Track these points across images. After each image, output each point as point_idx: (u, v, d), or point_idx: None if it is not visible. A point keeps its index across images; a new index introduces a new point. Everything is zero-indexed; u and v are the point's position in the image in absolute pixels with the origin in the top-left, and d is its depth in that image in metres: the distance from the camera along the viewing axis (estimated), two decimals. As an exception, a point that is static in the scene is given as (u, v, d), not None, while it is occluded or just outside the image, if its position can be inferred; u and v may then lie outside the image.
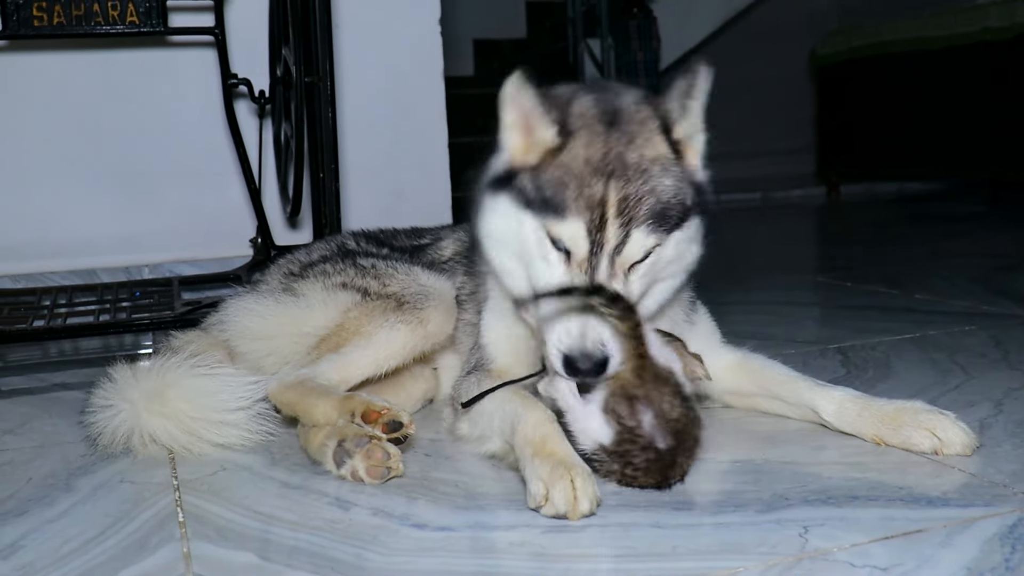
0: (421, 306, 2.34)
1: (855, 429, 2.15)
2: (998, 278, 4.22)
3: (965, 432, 2.03)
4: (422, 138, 4.34)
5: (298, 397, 2.18)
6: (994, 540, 1.59)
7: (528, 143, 2.00)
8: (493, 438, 2.05)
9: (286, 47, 3.38)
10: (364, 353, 2.28)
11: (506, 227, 2.03)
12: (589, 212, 1.90)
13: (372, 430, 2.01)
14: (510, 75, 1.98)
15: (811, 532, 1.65)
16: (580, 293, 1.88)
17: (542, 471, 1.78)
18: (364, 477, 1.97)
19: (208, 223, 4.04)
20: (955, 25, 7.54)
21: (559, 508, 1.73)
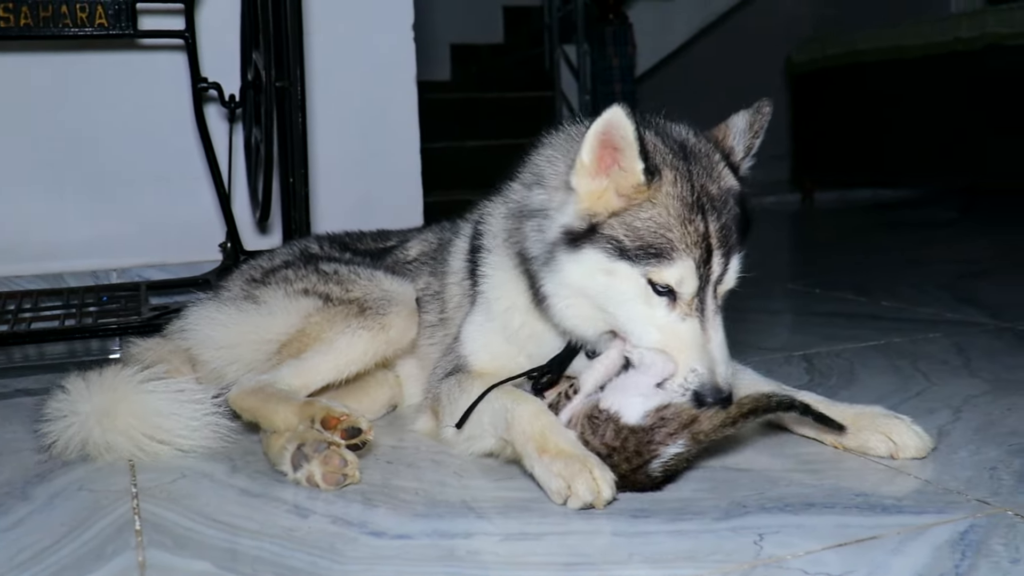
0: (383, 312, 2.34)
1: (816, 433, 2.18)
2: (965, 286, 4.25)
3: (919, 436, 2.07)
4: (394, 143, 4.33)
5: (258, 403, 2.18)
6: (945, 547, 1.60)
7: (604, 186, 1.95)
8: (485, 437, 2.06)
9: (256, 51, 3.37)
10: (325, 359, 2.28)
11: (592, 281, 1.97)
12: (697, 250, 1.91)
13: (331, 436, 2.01)
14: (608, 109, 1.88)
15: (766, 539, 1.65)
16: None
17: (556, 467, 1.81)
18: (320, 483, 1.97)
19: (177, 228, 4.02)
20: (928, 35, 7.60)
21: (586, 499, 1.78)
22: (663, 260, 1.90)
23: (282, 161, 3.38)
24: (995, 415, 2.34)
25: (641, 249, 1.91)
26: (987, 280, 4.41)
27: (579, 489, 1.78)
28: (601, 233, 1.94)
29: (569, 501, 1.79)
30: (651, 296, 1.93)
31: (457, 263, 2.49)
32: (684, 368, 1.92)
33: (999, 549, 1.59)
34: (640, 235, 1.91)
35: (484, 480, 2.01)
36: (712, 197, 1.96)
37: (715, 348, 1.94)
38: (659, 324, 1.94)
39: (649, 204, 1.92)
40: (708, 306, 1.95)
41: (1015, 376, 2.69)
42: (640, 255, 1.91)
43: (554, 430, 1.89)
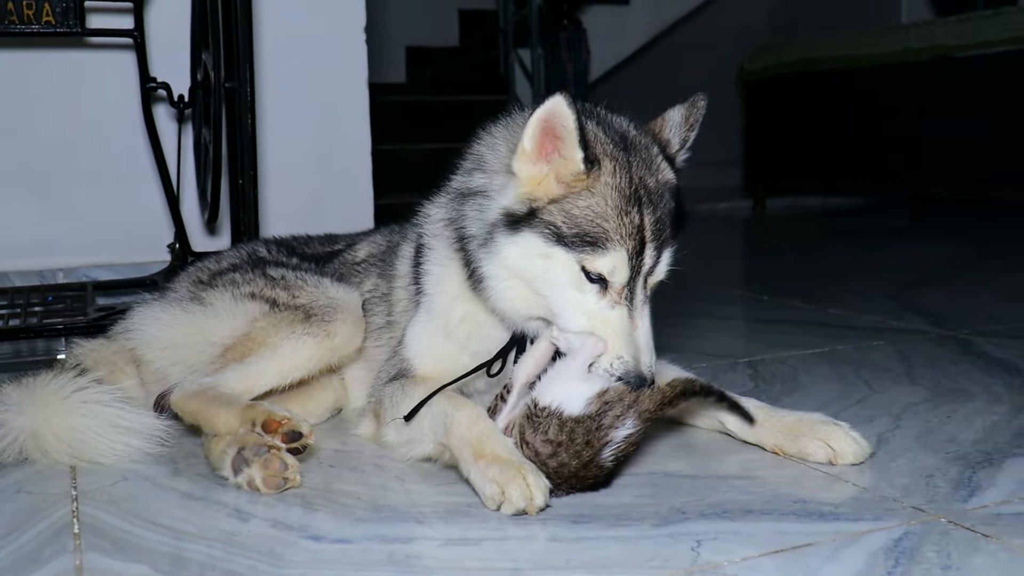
0: (329, 319, 2.34)
1: (756, 439, 2.21)
2: (910, 293, 4.30)
3: (857, 442, 2.10)
4: (345, 145, 4.32)
5: (200, 406, 2.16)
6: (879, 553, 1.62)
7: (544, 172, 1.98)
8: (424, 441, 2.06)
9: (206, 51, 3.35)
10: (269, 364, 2.27)
11: (529, 264, 2.00)
12: (631, 241, 1.95)
13: (272, 440, 2.01)
14: (551, 98, 1.91)
15: (704, 546, 1.67)
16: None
17: (491, 473, 1.82)
18: (260, 487, 1.96)
19: (125, 228, 3.98)
20: (878, 44, 7.69)
21: (519, 505, 1.78)
22: (597, 249, 1.94)
23: (231, 162, 3.36)
24: (934, 423, 2.37)
25: (577, 236, 1.94)
26: (932, 288, 4.48)
27: (513, 495, 1.78)
28: (540, 218, 1.98)
29: (503, 507, 1.80)
30: (583, 283, 1.97)
31: (404, 267, 2.49)
32: (611, 354, 1.96)
33: (932, 556, 1.61)
34: (577, 223, 1.95)
35: (425, 485, 2.01)
36: (649, 190, 2.00)
37: (641, 337, 1.99)
38: (589, 310, 1.98)
39: (588, 193, 1.96)
40: (637, 296, 2.00)
41: (956, 384, 2.73)
42: (576, 242, 1.95)
43: (491, 436, 1.91)
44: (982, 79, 6.88)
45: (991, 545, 1.65)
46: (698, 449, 2.22)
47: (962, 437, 2.25)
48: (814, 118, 8.44)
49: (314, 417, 2.47)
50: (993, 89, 6.82)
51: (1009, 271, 5.02)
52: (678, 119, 2.21)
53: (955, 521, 1.76)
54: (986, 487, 1.92)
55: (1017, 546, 1.64)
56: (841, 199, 9.64)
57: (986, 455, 2.12)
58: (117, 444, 2.16)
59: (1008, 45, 6.63)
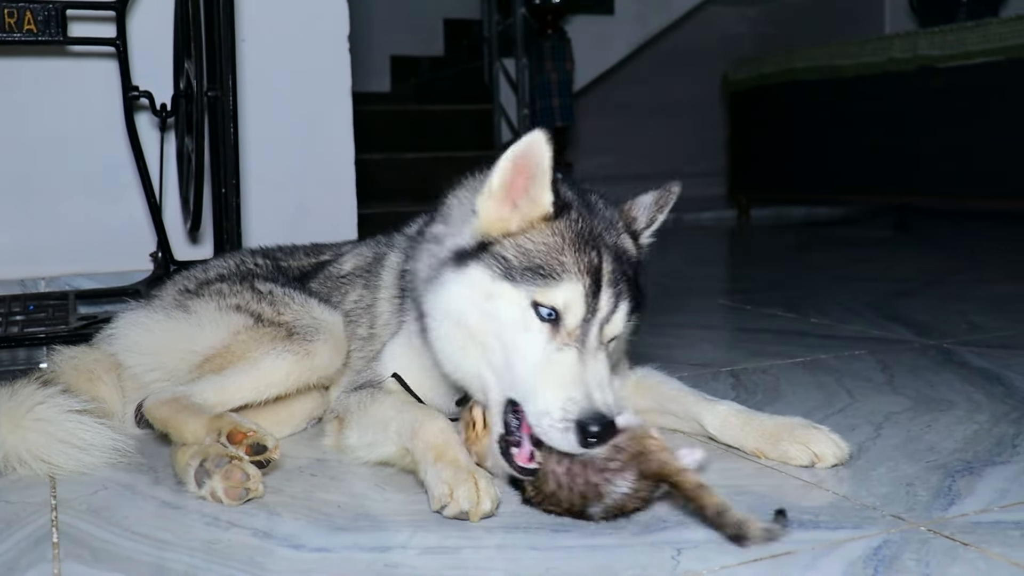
0: (311, 339, 2.33)
1: (737, 442, 2.23)
2: (893, 303, 4.32)
3: (838, 445, 2.13)
4: (328, 154, 4.32)
5: (171, 414, 2.15)
6: (858, 562, 1.63)
7: (511, 210, 1.94)
8: (387, 444, 2.06)
9: (188, 60, 3.35)
10: (247, 377, 2.25)
11: (472, 306, 1.93)
12: (587, 277, 1.87)
13: (235, 451, 2.00)
14: (528, 134, 1.86)
15: (684, 554, 1.67)
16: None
17: (445, 474, 1.83)
18: (222, 498, 1.95)
19: (108, 237, 3.97)
20: (862, 55, 7.73)
21: (463, 506, 1.79)
22: (551, 280, 1.86)
23: (214, 171, 3.36)
24: (915, 431, 2.38)
25: (529, 270, 1.88)
26: (915, 298, 4.49)
27: (460, 496, 1.79)
28: (489, 251, 1.93)
29: (446, 508, 1.80)
30: (532, 321, 1.87)
31: (389, 277, 2.48)
32: (560, 396, 1.81)
33: (911, 564, 1.61)
34: (530, 255, 1.89)
35: (405, 494, 2.00)
36: (607, 245, 1.95)
37: (591, 377, 1.85)
38: (536, 355, 1.87)
39: (547, 230, 1.92)
40: (590, 340, 1.88)
41: (937, 393, 2.74)
42: (527, 275, 1.88)
43: (455, 445, 1.92)
44: (965, 89, 6.92)
45: (970, 553, 1.65)
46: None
47: (942, 446, 2.26)
48: (798, 128, 8.48)
49: (290, 427, 2.46)
50: (976, 99, 6.86)
51: (992, 281, 5.04)
52: (648, 201, 2.18)
53: (934, 529, 1.76)
54: (966, 496, 1.93)
55: (996, 554, 1.64)
56: (826, 209, 9.68)
57: (966, 464, 2.12)
58: (69, 461, 2.15)
59: (990, 56, 6.68)
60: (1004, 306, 4.19)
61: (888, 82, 7.52)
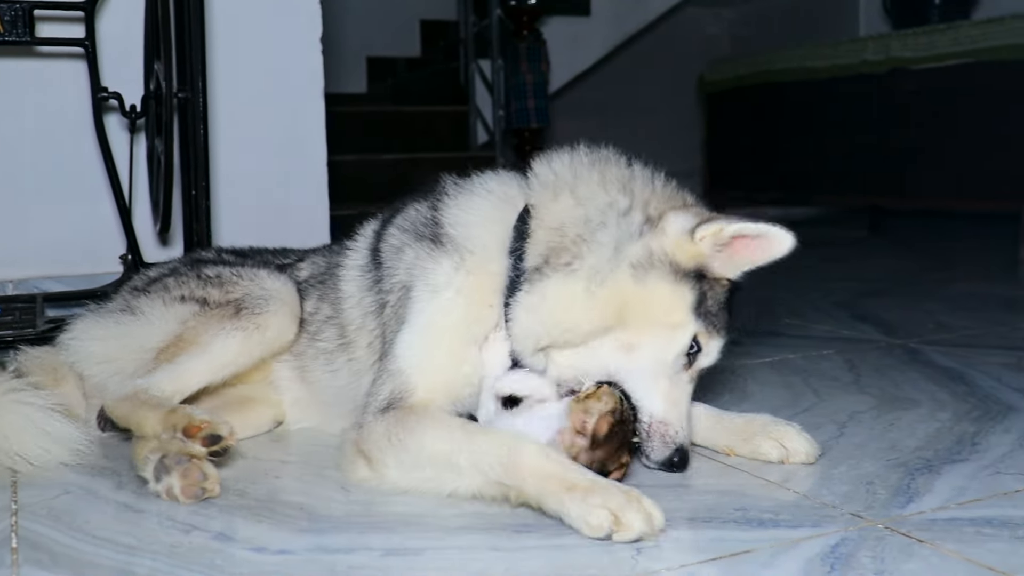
0: (260, 311, 2.33)
1: (708, 441, 2.26)
2: (862, 303, 4.35)
3: (809, 442, 2.17)
4: (301, 155, 4.31)
5: (130, 410, 2.16)
6: (816, 560, 1.64)
7: (706, 254, 2.03)
8: (460, 479, 1.91)
9: (158, 61, 3.34)
10: (199, 361, 2.26)
11: (655, 308, 2.01)
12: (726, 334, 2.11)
13: (193, 446, 2.00)
14: (788, 233, 2.05)
15: (643, 554, 1.68)
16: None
17: (597, 500, 1.72)
18: (179, 496, 1.96)
19: (77, 239, 3.95)
20: (835, 57, 7.77)
21: (639, 530, 1.70)
22: (712, 331, 2.07)
23: (184, 173, 3.35)
24: (878, 430, 2.40)
25: (708, 314, 2.05)
26: (885, 298, 4.52)
27: (630, 520, 1.70)
28: (700, 284, 2.03)
29: (617, 535, 1.70)
30: (683, 351, 2.05)
31: (350, 285, 2.41)
32: (679, 423, 2.04)
33: (866, 562, 1.63)
34: (715, 302, 2.06)
35: (369, 496, 2.01)
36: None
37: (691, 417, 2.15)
38: (670, 377, 2.05)
39: (725, 291, 2.10)
40: (696, 377, 2.13)
41: (901, 392, 2.76)
42: (704, 316, 2.04)
43: (574, 466, 1.84)
44: (936, 91, 6.97)
45: (924, 550, 1.67)
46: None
47: (904, 444, 2.28)
48: (774, 129, 8.51)
49: (252, 429, 2.47)
50: (947, 101, 6.90)
51: (961, 281, 5.08)
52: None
53: (892, 527, 1.78)
54: (924, 493, 1.95)
55: (950, 551, 1.66)
56: (802, 210, 9.71)
57: (926, 462, 2.14)
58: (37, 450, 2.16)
59: (961, 58, 6.72)
60: (971, 306, 4.23)
61: (862, 83, 7.56)
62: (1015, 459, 2.16)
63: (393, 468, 2.00)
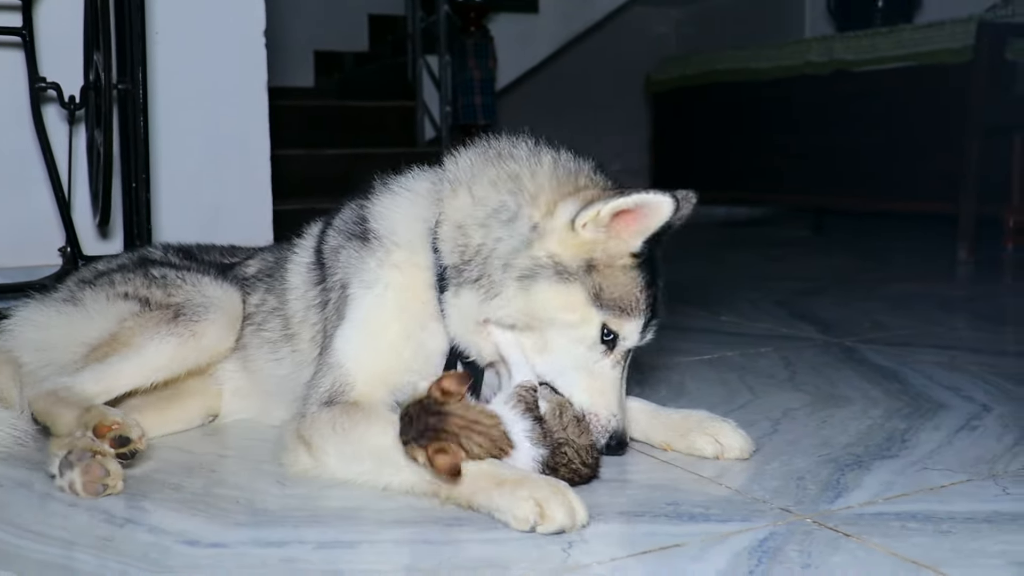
0: (198, 318, 2.32)
1: (645, 436, 2.29)
2: (801, 301, 4.41)
3: (744, 438, 2.21)
4: (243, 150, 4.28)
5: (49, 406, 2.15)
6: (743, 553, 1.67)
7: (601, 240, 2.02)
8: (395, 474, 1.94)
9: (97, 52, 3.31)
10: (130, 364, 2.25)
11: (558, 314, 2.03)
12: (648, 313, 2.09)
13: (99, 444, 1.99)
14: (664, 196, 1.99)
15: (575, 548, 1.70)
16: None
17: (523, 493, 1.76)
18: (80, 491, 1.95)
19: (14, 231, 3.89)
20: (779, 58, 7.85)
21: (561, 523, 1.73)
22: (625, 314, 2.04)
23: (124, 165, 3.32)
24: (811, 427, 2.44)
25: (612, 300, 2.02)
26: (823, 297, 4.59)
27: (553, 512, 1.73)
28: (591, 277, 2.02)
29: (541, 526, 1.73)
30: (597, 340, 2.06)
31: (297, 277, 2.45)
32: (608, 410, 2.07)
33: (793, 555, 1.66)
34: (617, 290, 2.03)
35: (305, 489, 2.01)
36: (661, 269, 2.14)
37: (623, 396, 2.14)
38: (590, 367, 2.07)
39: (633, 268, 2.04)
40: (626, 362, 2.13)
41: (835, 390, 2.81)
42: (608, 304, 2.02)
43: (503, 465, 1.88)
44: (878, 93, 7.06)
45: (851, 544, 1.70)
46: (580, 453, 2.25)
47: (836, 440, 2.32)
48: (719, 129, 8.58)
49: (183, 423, 2.45)
50: (888, 103, 7.00)
51: (898, 281, 5.17)
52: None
53: (819, 521, 1.81)
54: (852, 488, 1.99)
55: (875, 544, 1.70)
56: (746, 209, 9.81)
57: (856, 458, 2.18)
58: None
59: (902, 61, 6.82)
60: (908, 306, 4.30)
61: (805, 85, 7.64)
62: (943, 455, 2.20)
63: (333, 457, 2.03)
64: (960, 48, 6.34)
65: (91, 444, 1.99)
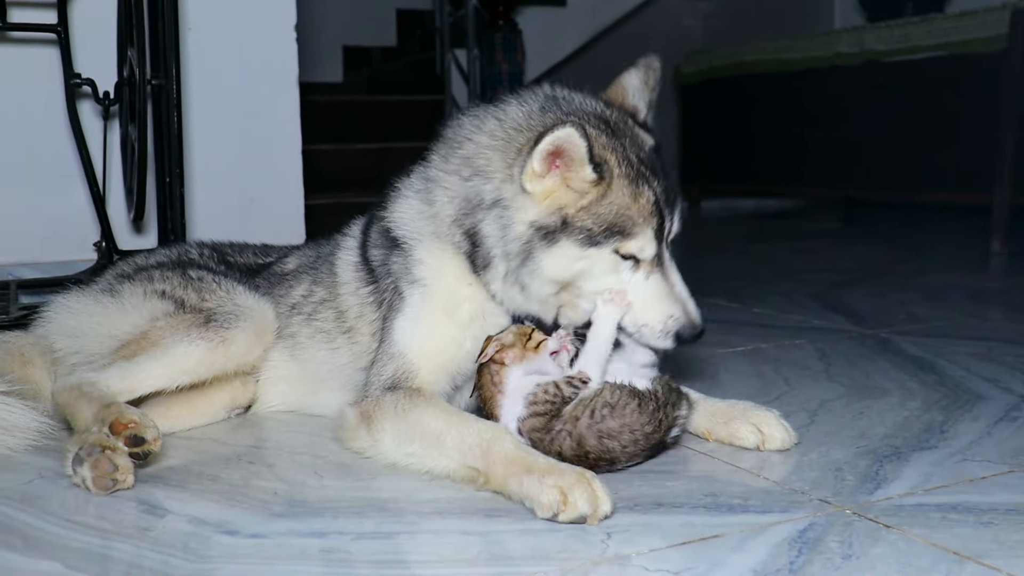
0: (228, 326, 2.33)
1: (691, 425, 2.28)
2: (834, 293, 4.38)
3: (786, 430, 2.21)
4: (275, 144, 4.30)
5: (72, 399, 2.17)
6: (783, 544, 1.66)
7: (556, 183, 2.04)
8: (440, 458, 1.99)
9: (132, 48, 3.33)
10: (157, 364, 2.26)
11: (568, 269, 2.08)
12: (653, 219, 2.09)
13: (112, 441, 1.99)
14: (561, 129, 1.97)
15: (613, 538, 1.70)
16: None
17: (551, 480, 1.79)
18: (90, 487, 1.95)
19: (51, 226, 3.93)
20: (810, 49, 7.80)
21: (582, 510, 1.75)
22: (627, 236, 2.06)
23: (158, 161, 3.35)
24: (847, 418, 2.43)
25: (608, 231, 2.05)
26: (856, 288, 4.55)
27: (576, 499, 1.75)
28: (574, 225, 2.05)
29: (562, 514, 1.75)
30: (619, 264, 2.09)
31: (347, 274, 2.48)
32: (662, 316, 2.13)
33: (834, 546, 1.65)
34: (606, 220, 2.05)
35: (343, 481, 2.02)
36: (647, 164, 2.12)
37: (680, 291, 2.17)
38: (623, 294, 2.11)
39: (608, 192, 2.05)
40: (665, 258, 2.15)
41: (871, 381, 2.79)
42: (608, 235, 2.05)
43: (538, 455, 1.91)
44: (910, 84, 7.01)
45: (891, 535, 1.69)
46: (616, 444, 2.25)
47: (873, 432, 2.31)
48: (748, 121, 8.54)
49: (208, 416, 2.46)
50: (920, 94, 6.94)
51: (932, 272, 5.12)
52: (637, 83, 2.35)
53: (859, 513, 1.80)
54: (891, 480, 1.97)
55: (916, 535, 1.69)
56: (775, 201, 9.77)
57: (894, 449, 2.17)
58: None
59: (934, 51, 6.76)
60: (942, 297, 4.27)
61: (835, 76, 7.60)
62: (982, 447, 2.19)
63: (390, 435, 2.10)
64: (993, 37, 6.28)
65: (103, 440, 1.99)
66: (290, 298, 2.56)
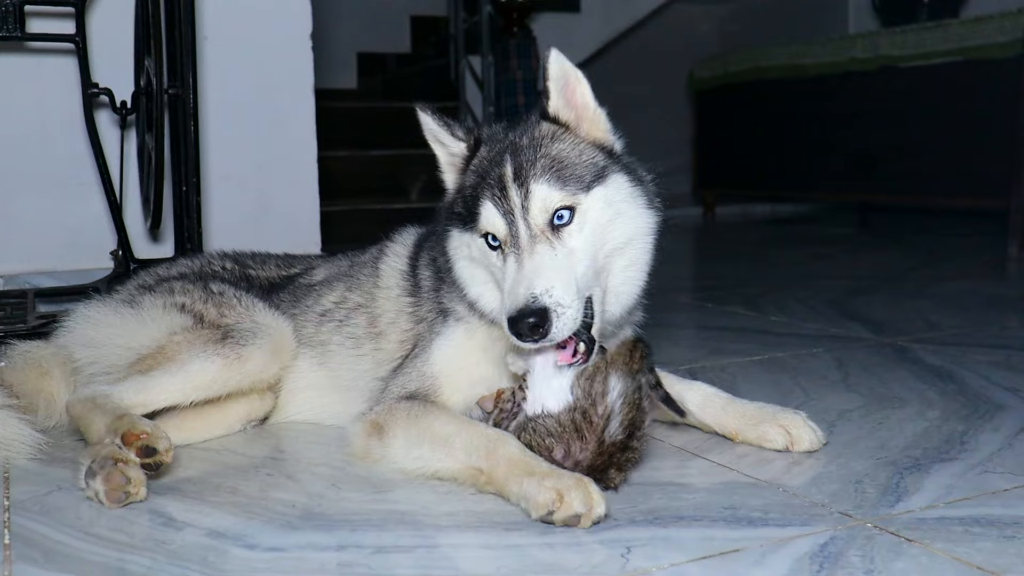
0: (244, 343, 2.32)
1: (716, 421, 2.33)
2: (851, 301, 4.36)
3: (814, 432, 2.24)
4: (291, 152, 4.31)
5: (85, 412, 2.17)
6: (805, 559, 1.65)
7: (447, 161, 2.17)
8: (447, 460, 2.03)
9: (149, 57, 3.34)
10: (172, 379, 2.26)
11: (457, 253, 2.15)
12: (495, 189, 2.04)
13: (124, 452, 1.99)
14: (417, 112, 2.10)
15: (633, 552, 1.69)
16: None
17: (549, 482, 1.81)
18: (103, 500, 1.95)
19: (68, 235, 3.95)
20: (824, 54, 7.79)
21: (576, 509, 1.76)
22: (476, 213, 2.08)
23: (175, 169, 3.35)
24: (866, 429, 2.41)
25: (469, 213, 2.10)
26: (873, 296, 4.54)
27: (571, 499, 1.77)
28: (454, 211, 2.15)
29: (556, 513, 1.77)
30: (489, 253, 2.08)
31: (391, 279, 2.51)
32: (510, 303, 1.96)
33: (856, 560, 1.64)
34: (465, 201, 2.12)
35: (361, 493, 2.02)
36: (518, 146, 2.10)
37: (527, 273, 1.97)
38: (495, 277, 2.10)
39: (471, 170, 2.14)
40: (521, 237, 2.01)
41: (890, 390, 2.77)
42: (468, 219, 2.10)
43: (542, 460, 1.92)
44: (925, 89, 6.99)
45: (913, 549, 1.68)
46: (634, 456, 2.24)
47: (893, 443, 2.29)
48: (763, 126, 8.54)
49: (223, 428, 2.45)
50: (935, 99, 6.93)
51: (949, 279, 5.10)
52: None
53: (880, 526, 1.79)
54: (913, 492, 1.96)
55: (938, 550, 1.67)
56: (790, 207, 9.75)
57: (915, 460, 2.16)
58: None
59: (949, 56, 6.75)
60: (960, 304, 4.24)
61: (850, 81, 7.59)
62: (1004, 458, 2.17)
63: (400, 439, 2.11)
64: (1009, 42, 6.27)
65: (115, 452, 1.99)
66: (320, 306, 2.57)
